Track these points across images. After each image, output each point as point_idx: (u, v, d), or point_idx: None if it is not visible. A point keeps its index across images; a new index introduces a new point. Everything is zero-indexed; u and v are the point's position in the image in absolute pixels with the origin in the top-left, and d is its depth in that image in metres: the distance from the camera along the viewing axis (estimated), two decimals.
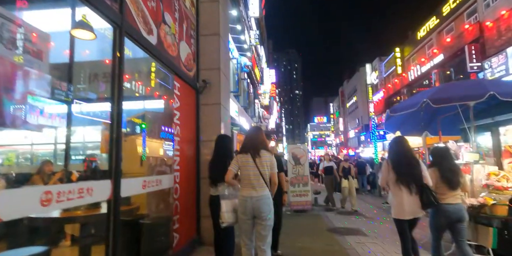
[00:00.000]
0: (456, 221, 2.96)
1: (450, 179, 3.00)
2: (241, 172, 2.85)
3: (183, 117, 3.65)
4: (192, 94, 4.16)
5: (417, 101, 3.58)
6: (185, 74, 3.79)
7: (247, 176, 2.81)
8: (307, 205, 7.81)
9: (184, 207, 3.56)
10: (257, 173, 2.78)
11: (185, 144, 3.74)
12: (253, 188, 2.78)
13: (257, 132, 2.96)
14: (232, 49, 13.76)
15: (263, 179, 2.78)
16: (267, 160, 2.82)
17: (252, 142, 2.86)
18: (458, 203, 3.02)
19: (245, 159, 2.82)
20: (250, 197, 2.76)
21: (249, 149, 2.84)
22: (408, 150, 3.06)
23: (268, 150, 2.88)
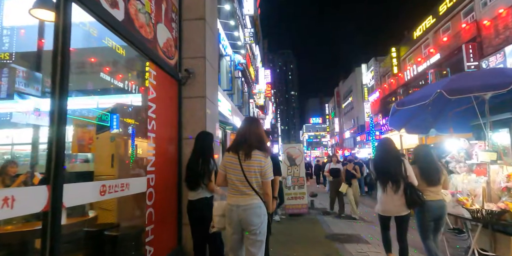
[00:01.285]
0: (438, 218, 3.08)
1: (429, 176, 3.12)
2: (227, 175, 2.36)
3: (160, 111, 3.16)
4: (173, 86, 3.67)
5: (428, 93, 3.14)
6: (163, 62, 3.30)
7: (232, 181, 2.33)
8: (303, 209, 7.34)
9: (161, 214, 3.06)
10: (242, 179, 2.28)
11: (163, 141, 3.25)
12: (240, 194, 2.29)
13: (252, 124, 2.38)
14: (225, 45, 13.28)
15: (251, 186, 2.28)
16: (257, 165, 2.27)
17: (244, 139, 2.31)
18: (440, 199, 3.14)
19: (230, 160, 2.33)
20: (237, 206, 2.27)
21: (239, 147, 2.30)
22: (391, 151, 3.18)
23: (264, 150, 2.32)
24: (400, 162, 3.05)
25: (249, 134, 2.32)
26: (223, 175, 2.38)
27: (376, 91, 30.15)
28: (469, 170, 3.98)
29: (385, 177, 3.08)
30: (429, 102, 3.35)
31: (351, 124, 40.73)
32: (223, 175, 2.37)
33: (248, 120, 2.50)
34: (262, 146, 2.33)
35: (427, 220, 3.04)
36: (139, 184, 2.69)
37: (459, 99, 4.05)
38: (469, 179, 3.78)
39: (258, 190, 2.34)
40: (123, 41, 2.49)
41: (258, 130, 2.38)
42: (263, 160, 2.29)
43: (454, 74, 4.73)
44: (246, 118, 2.53)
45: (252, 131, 2.34)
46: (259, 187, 2.32)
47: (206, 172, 2.79)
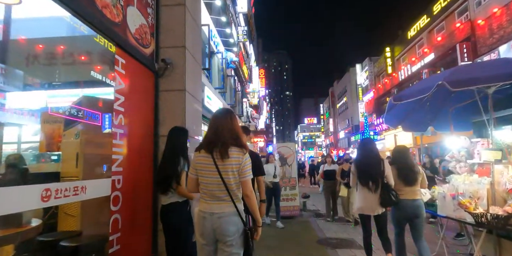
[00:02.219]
0: (413, 216, 3.17)
1: (406, 176, 3.22)
2: (199, 178, 2.02)
3: (130, 104, 2.81)
4: (149, 77, 3.32)
5: (429, 85, 2.84)
6: (135, 50, 2.95)
7: (205, 185, 1.99)
8: (294, 211, 7.03)
9: (130, 221, 2.72)
10: (218, 182, 1.95)
11: (134, 138, 2.90)
12: (215, 201, 1.97)
13: (225, 118, 2.04)
14: (217, 42, 12.93)
15: (227, 190, 1.95)
16: (235, 162, 1.96)
17: (216, 134, 1.99)
18: (416, 199, 3.23)
19: (202, 161, 1.99)
20: (210, 214, 1.94)
21: (212, 145, 1.97)
22: (371, 151, 3.30)
23: (241, 146, 2.00)
24: (380, 162, 3.19)
25: (222, 130, 1.99)
26: (194, 180, 2.04)
27: (371, 91, 30.07)
28: (470, 170, 3.71)
29: (366, 177, 3.20)
30: (429, 95, 3.06)
31: (346, 124, 40.65)
32: (195, 179, 2.04)
33: (220, 113, 2.14)
34: (238, 142, 2.00)
35: (400, 217, 3.22)
36: (101, 187, 2.34)
37: (459, 94, 3.78)
38: (471, 180, 3.50)
39: (238, 193, 2.01)
40: (78, 19, 2.13)
41: (233, 124, 2.04)
42: (241, 156, 1.97)
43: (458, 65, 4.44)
44: (218, 111, 2.17)
45: (225, 126, 2.01)
46: (238, 190, 2.00)
47: (174, 173, 2.45)
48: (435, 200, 3.84)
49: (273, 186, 6.15)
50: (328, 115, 54.57)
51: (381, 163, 3.19)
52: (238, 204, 1.98)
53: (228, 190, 1.94)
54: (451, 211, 3.42)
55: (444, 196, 3.53)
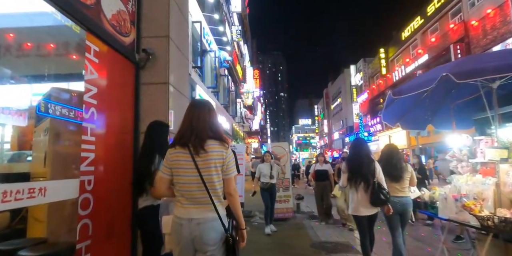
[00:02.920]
0: (401, 212, 3.27)
1: (390, 173, 3.31)
2: (174, 178, 1.77)
3: (105, 96, 2.53)
4: (128, 68, 3.04)
5: (431, 78, 2.63)
6: (112, 37, 2.68)
7: (182, 185, 1.74)
8: (288, 213, 6.78)
9: (104, 227, 2.44)
10: (197, 181, 1.71)
11: (110, 135, 2.62)
12: (194, 204, 1.72)
13: (202, 108, 1.82)
14: (210, 41, 12.66)
15: (207, 192, 1.70)
16: (217, 157, 1.74)
17: (192, 127, 1.76)
18: (404, 196, 3.32)
19: (177, 158, 1.74)
20: (188, 220, 1.70)
21: (187, 138, 1.74)
22: (362, 151, 3.31)
23: (221, 140, 1.78)
24: (371, 162, 3.22)
25: (199, 121, 1.76)
26: (167, 181, 1.78)
27: (365, 92, 30.07)
28: (473, 170, 3.50)
29: (358, 177, 3.21)
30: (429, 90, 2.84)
31: (340, 125, 40.66)
32: (168, 180, 1.78)
33: (196, 103, 1.90)
34: (217, 135, 1.78)
35: (393, 215, 3.24)
36: (66, 189, 2.06)
37: (461, 90, 3.59)
38: (474, 180, 3.29)
39: (220, 194, 1.77)
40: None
41: (211, 115, 1.82)
42: (224, 151, 1.76)
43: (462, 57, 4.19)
44: (193, 102, 1.92)
45: (202, 117, 1.78)
46: (221, 190, 1.77)
47: (147, 173, 2.18)
48: (435, 201, 3.63)
49: (270, 188, 5.64)
50: (322, 116, 54.61)
51: (372, 163, 3.22)
52: (220, 208, 1.74)
53: (208, 191, 1.70)
54: (453, 213, 3.21)
55: (445, 198, 3.32)
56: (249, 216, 6.79)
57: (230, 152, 1.81)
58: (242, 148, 6.87)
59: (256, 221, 6.57)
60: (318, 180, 6.55)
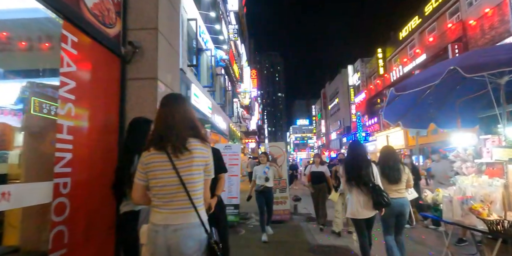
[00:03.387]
0: (397, 214, 3.27)
1: (387, 175, 3.32)
2: (150, 182, 1.59)
3: (85, 91, 2.33)
4: (113, 62, 2.84)
5: (437, 72, 2.45)
6: (93, 28, 2.47)
7: (160, 189, 1.56)
8: (285, 215, 6.59)
9: (83, 234, 2.23)
10: (176, 182, 1.54)
11: (91, 133, 2.42)
12: (170, 209, 1.54)
13: (177, 104, 1.66)
14: (206, 39, 12.46)
15: (187, 194, 1.53)
16: (199, 155, 1.60)
17: (168, 126, 1.59)
18: (400, 197, 3.31)
19: (153, 160, 1.57)
20: (164, 227, 1.51)
21: (164, 139, 1.57)
22: (360, 154, 3.33)
23: (202, 139, 1.63)
24: (369, 164, 3.21)
25: (174, 119, 1.59)
26: (141, 187, 1.61)
27: (362, 92, 29.99)
28: (478, 170, 3.33)
29: (356, 180, 3.20)
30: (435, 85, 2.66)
31: (337, 125, 40.56)
32: (142, 186, 1.61)
33: (169, 99, 1.72)
34: (197, 133, 1.62)
35: (387, 216, 3.24)
36: (36, 192, 1.86)
37: (466, 86, 3.42)
38: (480, 181, 3.12)
39: (201, 197, 1.62)
40: None
41: (188, 111, 1.66)
42: (206, 149, 1.63)
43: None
44: (166, 97, 1.74)
45: (178, 114, 1.61)
46: (202, 192, 1.63)
47: (125, 176, 1.99)
48: (439, 204, 3.46)
49: (265, 191, 5.21)
50: (320, 116, 54.52)
51: (370, 165, 3.22)
52: (202, 212, 1.58)
53: (188, 193, 1.53)
54: (459, 216, 3.04)
55: (450, 200, 3.15)
56: (244, 218, 6.59)
57: (211, 152, 1.68)
58: (237, 148, 6.66)
59: (251, 223, 6.37)
60: (314, 183, 6.11)
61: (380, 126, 25.30)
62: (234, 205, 6.09)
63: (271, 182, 5.35)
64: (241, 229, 5.88)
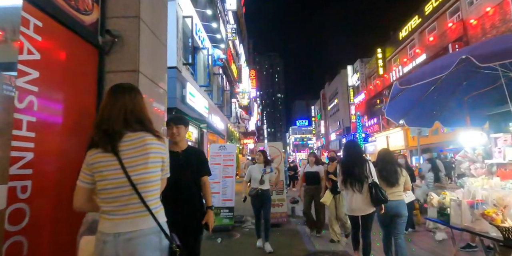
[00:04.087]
0: (394, 215, 3.31)
1: (386, 178, 3.36)
2: (97, 184, 1.38)
3: (50, 83, 2.08)
4: (89, 53, 2.58)
5: (447, 63, 2.20)
6: (63, 12, 2.22)
7: (109, 191, 1.34)
8: (282, 218, 6.33)
9: (48, 245, 1.97)
10: (127, 185, 1.32)
11: (61, 131, 2.16)
12: (121, 214, 1.32)
13: (123, 94, 1.47)
14: (203, 38, 12.23)
15: (139, 196, 1.32)
16: (155, 151, 1.40)
17: (112, 119, 1.40)
18: (397, 200, 3.34)
19: (100, 159, 1.37)
20: (114, 235, 1.29)
21: (109, 135, 1.37)
22: (355, 153, 3.43)
23: (153, 133, 1.45)
24: (363, 163, 3.30)
25: (120, 112, 1.41)
26: (85, 191, 1.40)
27: (362, 92, 29.79)
28: (488, 172, 3.08)
29: (351, 178, 3.29)
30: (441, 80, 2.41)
31: (337, 126, 40.36)
32: (86, 190, 1.40)
33: (116, 88, 1.53)
34: (148, 127, 1.43)
35: (382, 216, 3.33)
36: None
37: (474, 81, 3.17)
38: (491, 184, 2.87)
39: (158, 196, 1.43)
40: None
41: (136, 103, 1.47)
42: (162, 145, 1.44)
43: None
44: (113, 87, 1.55)
45: (124, 106, 1.42)
46: (156, 195, 1.43)
47: None
48: (446, 208, 3.21)
49: (259, 195, 4.59)
50: (319, 117, 54.32)
51: (365, 163, 3.29)
52: (160, 215, 1.37)
53: (140, 194, 1.32)
54: (469, 222, 2.78)
55: (459, 204, 2.90)
56: (240, 222, 6.33)
57: (167, 148, 1.51)
58: (233, 148, 6.41)
59: (247, 227, 6.11)
60: (309, 184, 5.63)
61: (380, 126, 25.08)
62: (229, 207, 5.84)
63: (267, 184, 4.77)
64: (236, 232, 5.63)
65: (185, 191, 2.40)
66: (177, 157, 2.48)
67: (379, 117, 24.86)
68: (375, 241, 4.50)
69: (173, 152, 2.50)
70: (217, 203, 5.82)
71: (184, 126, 2.54)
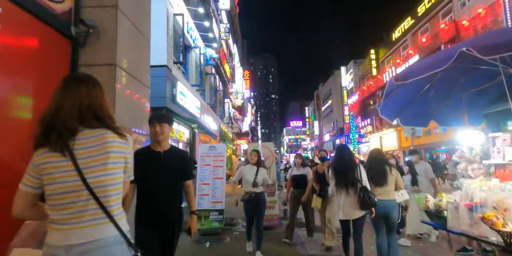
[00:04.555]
0: (383, 216, 3.32)
1: (374, 177, 3.37)
2: (46, 189, 1.17)
3: (10, 75, 1.87)
4: (60, 45, 2.38)
5: (446, 56, 2.06)
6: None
7: (60, 197, 1.15)
8: (273, 220, 6.15)
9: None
10: (81, 189, 1.14)
11: (22, 129, 1.95)
12: (74, 224, 1.13)
13: (78, 85, 1.27)
14: (194, 37, 12.00)
15: (98, 202, 1.15)
16: (116, 150, 1.22)
17: (64, 113, 1.20)
18: (387, 199, 3.33)
19: (50, 160, 1.16)
20: (67, 249, 1.09)
21: (60, 132, 1.17)
22: (346, 156, 3.45)
23: (115, 130, 1.26)
24: (354, 167, 3.31)
25: (74, 105, 1.22)
26: (28, 196, 1.20)
27: (355, 93, 29.86)
28: (486, 173, 2.95)
29: (343, 181, 3.29)
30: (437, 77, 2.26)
31: (331, 127, 40.41)
32: (30, 195, 1.20)
33: (70, 78, 1.34)
34: (108, 123, 1.25)
35: (374, 217, 3.30)
36: None
37: (471, 78, 3.05)
38: (489, 185, 2.74)
39: (120, 201, 1.25)
40: None
41: (95, 97, 1.28)
42: (126, 143, 1.27)
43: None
44: (65, 77, 1.34)
45: (78, 99, 1.24)
46: (119, 197, 1.25)
47: None
48: (442, 210, 3.07)
49: (254, 199, 4.14)
50: (313, 118, 54.38)
51: (356, 167, 3.31)
52: (122, 222, 1.20)
53: (99, 199, 1.15)
54: (467, 225, 2.64)
55: (456, 207, 2.76)
56: (230, 224, 6.13)
57: (132, 148, 1.31)
58: (223, 148, 6.20)
59: (238, 230, 5.92)
60: (296, 188, 5.19)
61: (373, 127, 25.12)
62: (219, 210, 5.63)
63: (260, 187, 4.31)
64: (226, 236, 5.43)
65: (164, 195, 2.20)
66: (158, 158, 2.29)
67: (373, 118, 24.90)
68: (368, 245, 4.37)
69: (155, 152, 2.31)
70: (207, 206, 5.61)
71: (168, 125, 2.33)
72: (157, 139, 2.31)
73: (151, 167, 2.23)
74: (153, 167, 2.24)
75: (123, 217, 1.23)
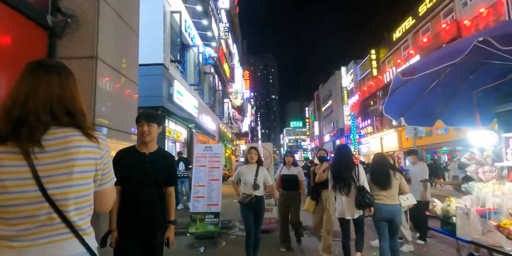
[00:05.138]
0: (388, 220, 3.30)
1: (377, 181, 3.38)
2: None
3: None
4: (36, 36, 2.18)
5: (460, 48, 1.85)
6: None
7: (11, 210, 0.94)
8: (271, 224, 5.93)
9: None
10: (38, 201, 0.94)
11: None
12: (28, 242, 0.93)
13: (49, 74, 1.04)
14: (193, 35, 11.81)
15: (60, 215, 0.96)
16: (84, 156, 1.01)
17: (27, 107, 0.98)
18: (392, 204, 3.30)
19: (2, 163, 0.93)
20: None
21: (21, 126, 0.95)
22: (345, 157, 3.49)
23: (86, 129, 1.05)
24: (352, 167, 3.38)
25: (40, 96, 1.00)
26: None
27: (356, 94, 29.69)
28: (499, 176, 2.74)
29: (340, 181, 3.37)
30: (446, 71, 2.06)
31: (331, 127, 40.24)
32: None
33: (37, 64, 1.08)
34: (80, 120, 1.05)
35: (377, 220, 3.32)
36: None
37: (481, 74, 2.84)
38: (503, 190, 2.53)
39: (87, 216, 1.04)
40: None
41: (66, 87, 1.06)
42: (96, 147, 1.05)
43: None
44: (31, 63, 1.09)
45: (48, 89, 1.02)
46: (90, 208, 1.06)
47: None
48: (451, 216, 2.87)
49: (255, 203, 3.67)
50: (313, 118, 54.20)
51: (354, 168, 3.38)
52: (89, 238, 1.02)
53: (62, 213, 0.96)
54: (479, 233, 2.43)
55: (466, 213, 2.55)
56: (226, 228, 5.92)
57: (107, 149, 1.08)
58: (219, 149, 5.99)
59: (234, 233, 5.71)
60: (285, 189, 4.78)
61: (373, 128, 24.92)
62: (214, 213, 5.41)
63: (262, 190, 3.83)
64: (221, 240, 5.22)
65: (146, 201, 2.00)
66: (143, 160, 2.09)
67: (373, 118, 24.70)
68: (371, 250, 4.15)
69: (140, 153, 2.12)
70: (202, 208, 5.40)
71: (157, 125, 2.13)
72: (144, 140, 2.11)
73: (133, 169, 2.05)
74: (136, 169, 2.05)
75: (92, 232, 1.03)
